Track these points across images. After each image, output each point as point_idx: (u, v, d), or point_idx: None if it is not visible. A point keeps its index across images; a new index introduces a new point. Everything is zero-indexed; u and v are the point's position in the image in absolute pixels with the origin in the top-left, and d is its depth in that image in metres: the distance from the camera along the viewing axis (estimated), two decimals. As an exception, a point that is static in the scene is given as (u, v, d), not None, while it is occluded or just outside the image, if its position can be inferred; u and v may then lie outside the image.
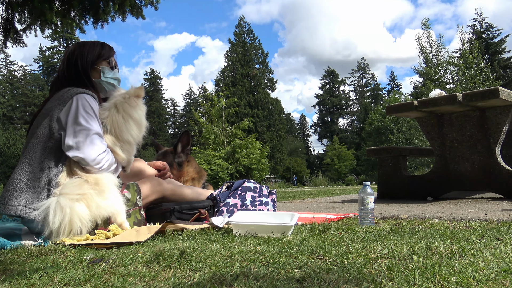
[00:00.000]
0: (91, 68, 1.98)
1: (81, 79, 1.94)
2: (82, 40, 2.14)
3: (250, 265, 1.07)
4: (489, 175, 3.25)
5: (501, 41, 35.86)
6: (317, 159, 60.84)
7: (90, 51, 2.00)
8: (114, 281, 0.99)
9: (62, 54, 39.83)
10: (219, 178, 14.39)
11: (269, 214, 2.02)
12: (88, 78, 1.97)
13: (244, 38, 47.75)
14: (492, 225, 1.82)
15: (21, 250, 1.49)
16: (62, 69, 1.98)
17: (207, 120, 18.96)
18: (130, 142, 1.93)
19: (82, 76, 1.95)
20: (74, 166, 1.75)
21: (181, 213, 2.11)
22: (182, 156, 2.77)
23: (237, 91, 43.09)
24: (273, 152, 43.22)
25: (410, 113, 3.68)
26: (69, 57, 1.98)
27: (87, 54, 1.98)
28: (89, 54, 1.99)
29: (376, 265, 1.02)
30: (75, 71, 1.95)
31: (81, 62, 1.96)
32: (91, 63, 1.99)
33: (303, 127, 70.20)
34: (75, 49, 2.00)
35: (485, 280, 0.87)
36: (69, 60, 1.97)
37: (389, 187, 4.01)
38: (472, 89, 16.46)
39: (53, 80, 2.05)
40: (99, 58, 2.01)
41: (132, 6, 5.81)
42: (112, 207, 1.75)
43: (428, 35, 24.85)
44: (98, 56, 2.01)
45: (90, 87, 1.94)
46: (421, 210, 2.65)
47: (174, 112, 63.99)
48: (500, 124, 3.21)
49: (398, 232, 1.63)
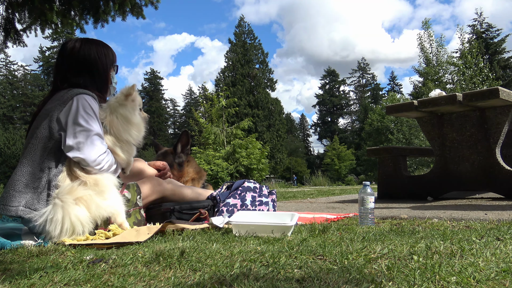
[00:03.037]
0: (108, 72, 2.01)
1: (98, 82, 1.96)
2: (85, 37, 2.10)
3: (250, 265, 1.07)
4: (489, 175, 3.25)
5: (501, 41, 35.84)
6: (317, 159, 60.85)
7: (107, 54, 2.01)
8: (114, 281, 0.99)
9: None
10: (219, 178, 14.39)
11: (269, 214, 2.02)
12: (106, 83, 2.01)
13: (244, 38, 47.76)
14: (492, 225, 1.82)
15: (21, 250, 1.49)
16: (64, 68, 1.94)
17: (207, 120, 18.96)
18: (129, 142, 1.93)
19: (101, 80, 1.97)
20: (74, 166, 1.75)
21: (181, 213, 2.11)
22: (182, 156, 2.76)
23: (237, 91, 43.08)
24: (273, 152, 43.22)
25: (410, 113, 3.68)
26: (77, 56, 1.93)
27: (104, 57, 1.99)
28: (107, 58, 2.00)
29: (376, 265, 1.02)
30: (88, 72, 1.93)
31: (102, 65, 1.96)
32: (109, 67, 2.01)
33: (303, 127, 70.19)
34: (83, 48, 1.95)
35: (485, 280, 0.87)
36: (78, 59, 1.93)
37: (389, 187, 4.01)
38: (471, 89, 16.46)
39: (52, 80, 2.02)
40: (113, 63, 2.05)
41: (132, 6, 5.81)
42: (112, 207, 1.75)
43: (429, 34, 24.83)
44: (112, 61, 2.04)
45: (104, 92, 1.98)
46: (421, 210, 2.65)
47: (174, 112, 64.00)
48: (500, 124, 3.21)
49: (398, 232, 1.63)
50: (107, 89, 2.03)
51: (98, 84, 1.96)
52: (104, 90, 2.00)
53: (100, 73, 1.97)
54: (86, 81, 1.91)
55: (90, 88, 1.89)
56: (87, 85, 1.90)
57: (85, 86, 1.88)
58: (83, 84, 1.89)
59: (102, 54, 1.97)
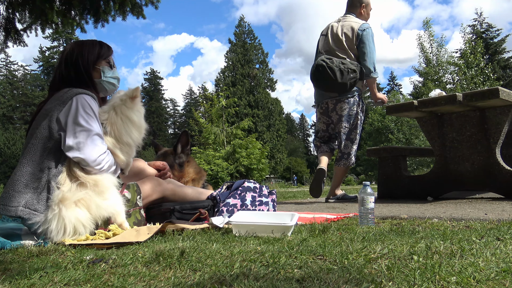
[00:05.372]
0: (92, 68, 1.98)
1: (81, 79, 1.93)
2: (80, 39, 2.12)
3: (250, 265, 1.07)
4: (489, 175, 3.25)
5: (501, 41, 35.84)
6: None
7: (90, 51, 1.98)
8: (114, 281, 0.99)
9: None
10: (219, 178, 14.40)
11: (269, 214, 2.02)
12: (90, 78, 1.96)
13: (244, 38, 47.77)
14: (492, 225, 1.82)
15: (21, 250, 1.49)
16: (60, 69, 1.96)
17: (207, 120, 18.96)
18: (130, 144, 1.93)
19: (83, 76, 1.93)
20: (74, 166, 1.75)
21: (181, 213, 2.11)
22: (182, 157, 2.76)
23: (237, 91, 43.09)
24: (273, 152, 43.22)
25: (410, 113, 3.68)
26: (67, 57, 1.95)
27: (87, 54, 1.97)
28: (89, 54, 1.97)
29: (376, 265, 1.02)
30: (75, 71, 1.93)
31: (82, 62, 1.94)
32: (92, 63, 1.98)
33: (303, 127, 70.20)
34: (73, 49, 1.98)
35: (485, 280, 0.87)
36: (67, 60, 1.95)
37: (389, 187, 4.01)
38: (472, 89, 16.45)
39: (51, 80, 2.04)
40: (99, 58, 2.00)
41: (132, 6, 5.81)
42: (112, 207, 1.75)
43: (429, 34, 24.82)
44: (98, 55, 1.99)
45: (90, 87, 1.94)
46: (421, 210, 2.65)
47: (174, 112, 63.99)
48: (500, 124, 3.21)
49: (398, 232, 1.63)
50: (95, 86, 1.98)
51: (81, 77, 1.93)
52: (90, 84, 1.96)
53: (82, 73, 1.95)
54: (71, 76, 1.92)
55: (76, 83, 1.89)
56: (72, 78, 1.91)
57: (71, 80, 1.90)
58: (73, 77, 1.91)
59: (80, 54, 1.95)
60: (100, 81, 1.99)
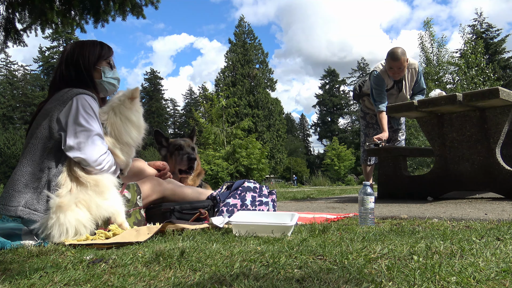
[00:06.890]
0: (93, 68, 1.98)
1: (82, 79, 1.93)
2: (81, 40, 2.13)
3: (250, 265, 1.07)
4: (489, 175, 3.25)
5: (501, 41, 35.83)
6: (317, 159, 60.85)
7: (91, 51, 1.99)
8: (114, 281, 0.99)
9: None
10: (219, 178, 14.39)
11: (269, 214, 2.02)
12: (91, 78, 1.96)
13: (244, 38, 47.75)
14: (492, 225, 1.82)
15: (21, 250, 1.49)
16: (61, 69, 1.96)
17: (207, 120, 18.98)
18: (129, 144, 1.93)
19: (84, 77, 1.93)
20: (74, 166, 1.75)
21: (181, 213, 2.11)
22: (195, 149, 2.98)
23: (237, 91, 43.08)
24: (273, 152, 43.23)
25: (410, 113, 3.68)
26: (68, 57, 1.96)
27: (88, 54, 1.97)
28: (90, 54, 1.97)
29: (376, 265, 1.02)
30: (75, 71, 1.94)
31: (83, 62, 1.94)
32: (93, 63, 1.98)
33: (303, 127, 70.22)
34: (74, 49, 1.98)
35: (485, 280, 0.87)
36: (68, 60, 1.96)
37: (389, 187, 4.00)
38: (472, 89, 16.46)
39: (51, 80, 2.04)
40: (100, 58, 2.00)
41: (132, 6, 5.81)
42: (112, 207, 1.75)
43: (430, 34, 24.79)
44: (99, 56, 2.00)
45: (91, 88, 1.94)
46: (421, 210, 2.65)
47: (174, 112, 63.99)
48: (500, 124, 3.20)
49: (398, 232, 1.63)
50: (95, 87, 1.99)
51: (81, 77, 1.94)
52: (90, 85, 1.96)
53: (83, 73, 1.95)
54: (72, 76, 1.92)
55: (76, 83, 1.89)
56: (72, 78, 1.91)
57: (71, 80, 1.90)
58: (73, 77, 1.91)
59: (81, 55, 1.96)
60: (100, 81, 2.00)
